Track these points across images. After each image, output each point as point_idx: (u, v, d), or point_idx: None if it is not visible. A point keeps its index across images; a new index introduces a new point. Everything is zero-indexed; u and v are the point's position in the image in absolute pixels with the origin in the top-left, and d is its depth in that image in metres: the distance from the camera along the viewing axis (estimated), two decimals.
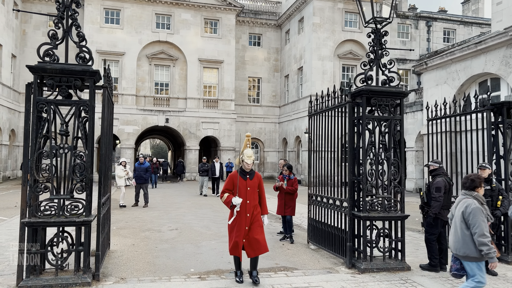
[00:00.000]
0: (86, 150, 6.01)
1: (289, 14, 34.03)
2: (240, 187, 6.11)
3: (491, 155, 8.07)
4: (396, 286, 6.18)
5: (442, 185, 6.97)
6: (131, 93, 30.87)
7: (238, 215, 6.03)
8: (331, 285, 6.14)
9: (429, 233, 7.15)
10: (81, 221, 5.85)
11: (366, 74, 7.36)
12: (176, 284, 6.11)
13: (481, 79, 9.91)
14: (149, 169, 15.43)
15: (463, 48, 9.83)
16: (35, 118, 5.80)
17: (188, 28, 32.12)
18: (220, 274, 6.72)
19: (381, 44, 7.51)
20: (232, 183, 6.21)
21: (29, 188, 5.75)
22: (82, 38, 6.13)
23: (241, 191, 6.10)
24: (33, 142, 5.80)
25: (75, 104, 6.00)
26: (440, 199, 6.92)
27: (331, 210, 8.04)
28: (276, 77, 36.50)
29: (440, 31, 34.03)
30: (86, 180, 6.04)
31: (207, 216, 13.22)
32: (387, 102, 7.28)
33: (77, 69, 5.94)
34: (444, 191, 6.97)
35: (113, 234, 9.65)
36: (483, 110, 8.18)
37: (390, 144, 7.31)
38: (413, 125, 24.53)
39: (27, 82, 5.94)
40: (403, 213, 7.25)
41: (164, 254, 8.00)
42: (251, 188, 6.18)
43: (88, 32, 29.57)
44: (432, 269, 7.00)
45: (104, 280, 6.16)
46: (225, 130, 32.49)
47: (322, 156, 8.68)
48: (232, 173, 6.30)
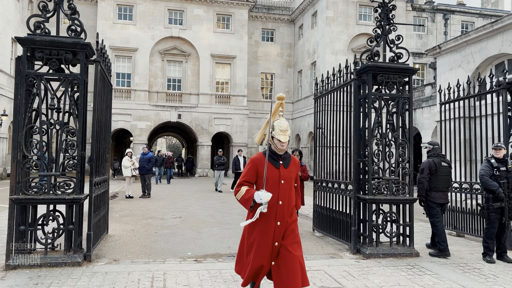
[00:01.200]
0: (77, 126, 5.81)
1: (302, 8, 33.60)
2: (268, 178, 3.71)
3: (508, 138, 7.59)
4: (403, 271, 5.80)
5: (426, 166, 6.89)
6: (143, 89, 30.89)
7: (264, 221, 3.68)
8: (333, 270, 5.80)
9: (430, 215, 6.94)
10: (71, 198, 5.65)
11: (373, 50, 6.99)
12: (170, 266, 5.85)
13: (498, 61, 9.41)
14: (152, 160, 15.40)
15: (479, 29, 9.35)
16: (23, 91, 5.61)
17: (200, 24, 31.99)
18: (217, 257, 6.45)
19: (388, 19, 7.13)
20: (255, 172, 3.80)
21: (18, 164, 5.57)
22: (74, 11, 5.92)
23: (270, 186, 3.70)
24: (22, 117, 5.61)
25: (65, 78, 5.79)
26: (422, 180, 6.87)
27: (336, 195, 7.68)
28: (289, 73, 36.11)
29: (457, 24, 33.12)
30: (78, 158, 5.85)
31: (213, 206, 12.97)
32: (395, 80, 6.89)
33: (67, 42, 5.73)
34: (431, 173, 6.85)
35: (115, 221, 9.48)
36: (499, 89, 7.71)
37: (398, 123, 6.92)
38: (429, 119, 23.84)
39: (17, 56, 5.77)
40: (412, 196, 6.85)
41: (163, 239, 7.77)
42: (286, 181, 3.77)
43: (101, 28, 29.73)
44: (441, 255, 6.61)
45: (96, 261, 5.95)
46: (238, 126, 32.25)
47: (329, 144, 8.31)
48: (256, 156, 3.89)
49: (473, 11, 34.03)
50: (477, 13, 33.83)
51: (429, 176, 6.86)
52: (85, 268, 5.59)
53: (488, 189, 6.47)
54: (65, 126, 5.78)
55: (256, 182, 3.81)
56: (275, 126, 3.85)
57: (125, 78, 30.89)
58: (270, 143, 3.88)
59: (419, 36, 32.57)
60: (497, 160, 6.51)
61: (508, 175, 6.47)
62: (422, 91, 26.04)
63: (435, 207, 6.85)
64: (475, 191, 8.23)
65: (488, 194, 6.50)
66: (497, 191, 6.32)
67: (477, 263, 6.34)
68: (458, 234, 8.66)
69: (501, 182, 6.38)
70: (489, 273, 5.79)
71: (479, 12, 34.05)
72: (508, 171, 6.48)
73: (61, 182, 5.80)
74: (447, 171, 6.98)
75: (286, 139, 3.79)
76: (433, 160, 6.94)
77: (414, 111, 25.11)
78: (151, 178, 15.55)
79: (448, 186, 7.04)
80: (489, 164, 6.51)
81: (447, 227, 8.83)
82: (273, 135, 3.84)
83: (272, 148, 3.87)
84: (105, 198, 7.54)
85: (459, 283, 5.28)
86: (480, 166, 6.93)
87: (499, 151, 6.50)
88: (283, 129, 3.81)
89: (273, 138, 3.83)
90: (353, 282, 5.23)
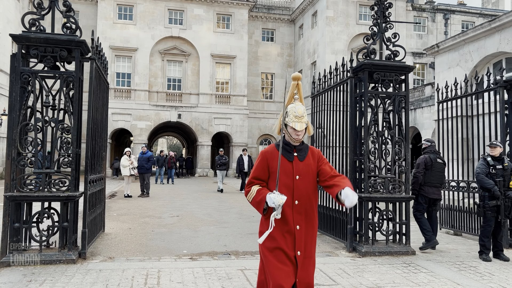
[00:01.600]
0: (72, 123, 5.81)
1: (303, 8, 33.61)
2: (281, 174, 3.17)
3: (504, 136, 7.57)
4: (398, 269, 5.78)
5: (422, 162, 7.07)
6: (143, 89, 30.91)
7: (280, 226, 3.11)
8: (329, 267, 5.77)
9: (414, 209, 7.11)
10: (65, 196, 5.64)
11: (369, 48, 6.97)
12: (165, 264, 5.84)
13: (496, 60, 9.38)
14: (151, 159, 15.41)
15: (477, 27, 9.33)
16: (18, 89, 5.61)
17: (200, 24, 32.00)
18: (213, 255, 6.44)
19: (385, 17, 7.13)
20: (266, 167, 3.26)
21: (12, 162, 5.57)
22: (69, 8, 5.92)
23: (283, 183, 3.16)
24: (17, 114, 5.61)
25: (60, 76, 5.79)
26: (417, 175, 6.99)
27: None
28: (290, 73, 36.00)
29: (458, 24, 33.08)
30: (73, 155, 5.84)
31: (211, 205, 12.96)
32: (391, 77, 6.88)
33: (62, 39, 5.73)
34: (426, 168, 7.02)
35: (112, 220, 9.48)
36: (496, 88, 7.69)
37: (395, 121, 6.91)
38: (429, 119, 23.80)
39: (12, 53, 5.76)
40: (408, 194, 6.83)
41: (159, 237, 7.76)
42: (302, 177, 3.20)
43: (101, 28, 29.77)
44: (429, 244, 6.85)
45: (91, 259, 5.94)
46: (238, 126, 32.24)
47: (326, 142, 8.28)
48: (267, 149, 3.35)
49: (474, 11, 34.00)
50: (477, 13, 33.79)
51: (424, 171, 7.01)
52: (80, 265, 5.58)
53: (484, 187, 6.46)
54: (60, 124, 5.78)
55: (269, 178, 3.23)
56: (289, 111, 3.22)
57: (125, 78, 30.91)
58: (284, 133, 3.28)
59: (420, 36, 32.54)
60: (493, 158, 6.49)
61: (504, 173, 6.45)
62: (422, 91, 26.01)
63: (423, 204, 7.04)
64: (473, 189, 8.21)
65: (484, 192, 6.48)
66: (493, 189, 6.30)
67: (473, 261, 6.32)
68: (456, 233, 8.63)
69: (497, 180, 6.36)
70: (484, 271, 5.77)
71: (480, 12, 34.01)
72: (504, 169, 6.45)
73: (56, 180, 5.80)
74: (441, 167, 7.15)
75: (302, 126, 3.17)
76: (429, 156, 7.10)
77: (415, 111, 25.09)
78: (150, 177, 15.55)
79: (441, 183, 7.18)
80: (485, 162, 6.50)
81: (444, 225, 8.81)
82: (286, 122, 3.22)
83: (286, 138, 3.28)
84: (101, 196, 7.53)
85: (454, 280, 5.26)
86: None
87: (495, 149, 6.48)
88: (298, 115, 3.17)
89: (287, 126, 3.22)
90: (347, 280, 5.21)
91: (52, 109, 5.88)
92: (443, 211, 8.80)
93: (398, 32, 7.25)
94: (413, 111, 25.24)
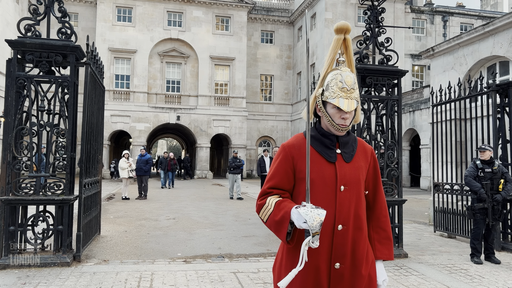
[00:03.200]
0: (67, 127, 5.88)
1: (302, 10, 33.71)
2: (315, 180, 1.95)
3: (497, 139, 7.64)
4: (389, 271, 5.83)
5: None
6: (142, 91, 30.99)
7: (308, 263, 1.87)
8: None
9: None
10: (60, 199, 5.71)
11: (362, 52, 7.04)
12: (159, 266, 5.91)
13: (490, 63, 9.44)
14: (149, 161, 15.42)
15: (471, 31, 9.39)
16: (13, 93, 5.68)
17: (199, 26, 32.10)
18: (207, 258, 6.50)
19: (377, 22, 7.18)
20: (291, 169, 2.03)
21: (7, 166, 5.64)
22: (64, 13, 6.00)
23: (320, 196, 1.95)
24: (12, 119, 5.68)
25: (55, 80, 5.86)
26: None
27: None
28: (289, 75, 36.19)
29: (457, 26, 33.17)
30: (67, 159, 5.91)
31: (208, 208, 13.02)
32: (384, 82, 6.95)
33: (57, 44, 5.80)
34: None
35: (108, 222, 9.54)
36: (488, 91, 7.75)
37: (387, 125, 6.98)
38: (428, 121, 23.84)
39: (8, 58, 5.84)
40: (400, 197, 6.90)
41: (154, 240, 7.82)
42: (349, 187, 1.99)
43: (100, 30, 29.88)
44: None
45: (85, 261, 6.00)
46: (237, 128, 32.31)
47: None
48: (291, 141, 2.07)
49: (472, 13, 34.08)
50: (476, 15, 33.87)
51: None
52: (74, 268, 5.64)
53: (472, 190, 6.56)
54: (55, 128, 5.85)
55: (294, 187, 2.03)
56: (329, 82, 1.99)
57: (124, 80, 30.98)
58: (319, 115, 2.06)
59: (418, 38, 32.62)
60: (483, 161, 6.56)
61: (494, 176, 6.51)
62: (420, 93, 26.07)
63: None
64: (466, 192, 8.26)
65: (473, 195, 6.57)
66: (479, 191, 6.40)
67: (465, 264, 6.38)
68: (449, 236, 8.68)
69: (484, 183, 6.44)
70: (475, 273, 5.83)
71: (478, 14, 34.10)
72: (494, 173, 6.52)
73: (51, 183, 5.87)
74: None
75: (352, 105, 1.95)
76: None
77: (413, 113, 25.15)
78: (148, 179, 15.59)
79: None
80: (474, 166, 6.57)
81: (438, 228, 8.87)
82: (324, 98, 1.99)
83: (322, 124, 2.07)
84: (96, 199, 7.59)
85: (444, 283, 5.32)
86: None
87: (484, 153, 6.55)
88: (345, 87, 1.96)
89: (325, 105, 2.00)
90: None
91: (47, 114, 5.95)
92: (437, 214, 8.86)
93: (397, 34, 7.29)
94: (411, 113, 25.32)
